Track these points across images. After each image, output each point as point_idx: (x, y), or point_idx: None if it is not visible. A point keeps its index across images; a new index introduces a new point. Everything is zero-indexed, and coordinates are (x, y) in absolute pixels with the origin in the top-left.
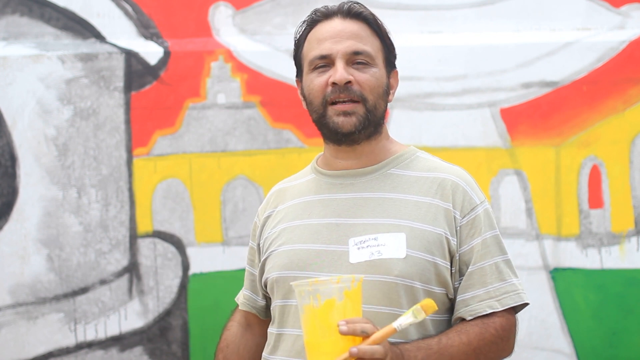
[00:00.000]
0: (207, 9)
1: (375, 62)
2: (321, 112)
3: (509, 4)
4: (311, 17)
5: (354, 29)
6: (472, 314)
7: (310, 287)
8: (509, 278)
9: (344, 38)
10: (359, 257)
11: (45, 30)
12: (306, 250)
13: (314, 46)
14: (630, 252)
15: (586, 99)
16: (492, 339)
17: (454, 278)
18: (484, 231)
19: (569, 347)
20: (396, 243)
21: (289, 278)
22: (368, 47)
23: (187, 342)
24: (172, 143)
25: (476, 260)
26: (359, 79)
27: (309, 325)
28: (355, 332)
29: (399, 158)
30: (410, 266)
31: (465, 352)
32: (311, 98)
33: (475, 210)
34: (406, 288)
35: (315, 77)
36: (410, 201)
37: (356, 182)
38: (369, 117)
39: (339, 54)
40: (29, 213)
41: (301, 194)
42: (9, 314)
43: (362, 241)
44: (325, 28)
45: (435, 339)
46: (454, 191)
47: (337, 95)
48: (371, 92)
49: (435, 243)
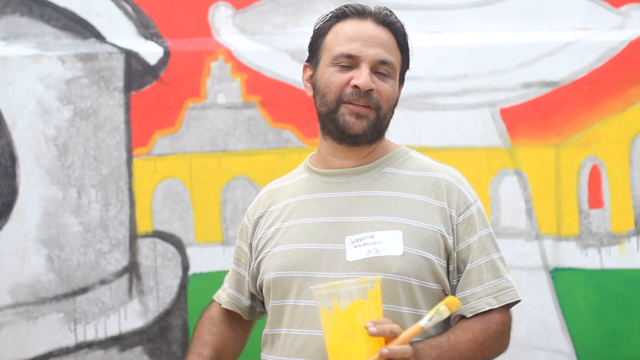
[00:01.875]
0: (207, 9)
1: (395, 74)
2: (333, 108)
3: (509, 4)
4: (343, 10)
5: (385, 38)
6: (471, 311)
7: (332, 290)
8: (504, 275)
9: (375, 44)
10: (357, 255)
11: (45, 30)
12: (302, 249)
13: (342, 42)
14: (630, 252)
15: (586, 99)
16: (494, 335)
17: (452, 275)
18: (479, 229)
19: (569, 347)
20: (393, 240)
21: (286, 278)
22: (393, 59)
23: (187, 342)
24: (172, 143)
25: (473, 258)
26: (379, 88)
27: (333, 328)
28: (384, 333)
29: (393, 157)
30: (407, 263)
31: (473, 349)
32: (326, 91)
33: (470, 208)
34: (404, 285)
35: (336, 72)
36: (406, 199)
37: (351, 180)
38: (378, 124)
39: (367, 59)
40: (29, 213)
41: (295, 193)
42: (9, 314)
43: (358, 239)
44: (358, 27)
45: (444, 337)
46: (448, 190)
47: (356, 98)
48: (386, 102)
49: (431, 240)
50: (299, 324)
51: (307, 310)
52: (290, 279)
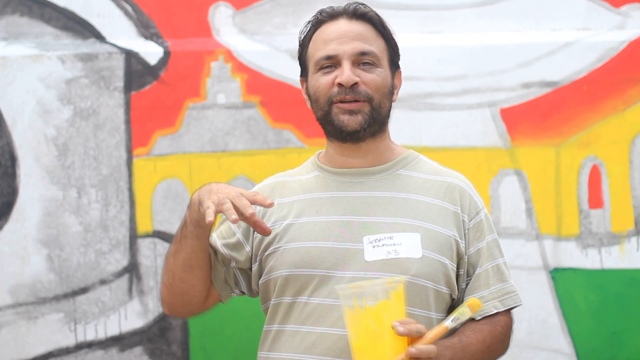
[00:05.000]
0: (207, 9)
1: (381, 62)
2: (326, 110)
3: (509, 4)
4: (316, 17)
5: (360, 30)
6: (480, 314)
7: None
8: (508, 279)
9: (350, 39)
10: (375, 256)
11: (45, 30)
12: (317, 247)
13: (320, 47)
14: (630, 252)
15: (586, 99)
16: (500, 337)
17: (461, 279)
18: (487, 234)
19: (569, 347)
20: (412, 243)
21: (301, 276)
22: (374, 48)
23: (187, 342)
24: (172, 143)
25: (482, 262)
26: (365, 79)
27: (360, 328)
28: (411, 333)
29: (405, 159)
30: (425, 266)
31: (482, 350)
32: (317, 96)
33: (479, 214)
34: (420, 288)
35: (321, 76)
36: (422, 202)
37: (366, 180)
38: (374, 115)
39: (345, 55)
40: (29, 213)
41: (305, 190)
42: (9, 314)
43: (377, 239)
44: (331, 29)
45: (455, 338)
46: (461, 195)
47: (343, 96)
48: (377, 91)
49: (445, 245)
50: (311, 321)
51: (321, 308)
52: (306, 277)
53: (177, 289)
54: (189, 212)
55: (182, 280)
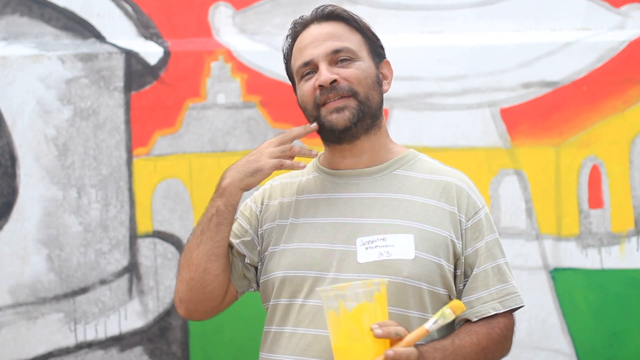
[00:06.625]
0: (207, 9)
1: (359, 55)
2: (315, 115)
3: (509, 4)
4: (292, 30)
5: (330, 30)
6: (477, 315)
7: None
8: (509, 280)
9: (322, 41)
10: (367, 257)
11: (45, 30)
12: (312, 249)
13: (297, 56)
14: (630, 252)
15: (586, 99)
16: (497, 339)
17: (459, 280)
18: (486, 234)
19: (569, 347)
20: (405, 244)
21: (297, 278)
22: (347, 43)
23: (187, 342)
24: (172, 143)
25: (480, 263)
26: (344, 75)
27: (340, 330)
28: (390, 335)
29: (402, 159)
30: (418, 267)
31: (476, 352)
32: (305, 104)
33: (478, 214)
34: (414, 289)
35: (304, 83)
36: (417, 203)
37: (361, 181)
38: (363, 108)
39: (320, 57)
40: (29, 213)
41: (304, 191)
42: (9, 314)
43: (370, 241)
44: (304, 36)
45: (448, 340)
46: (458, 195)
47: (326, 96)
48: (360, 84)
49: (441, 245)
50: (306, 323)
51: (315, 310)
52: (300, 279)
53: (199, 282)
54: (224, 199)
55: (206, 271)
